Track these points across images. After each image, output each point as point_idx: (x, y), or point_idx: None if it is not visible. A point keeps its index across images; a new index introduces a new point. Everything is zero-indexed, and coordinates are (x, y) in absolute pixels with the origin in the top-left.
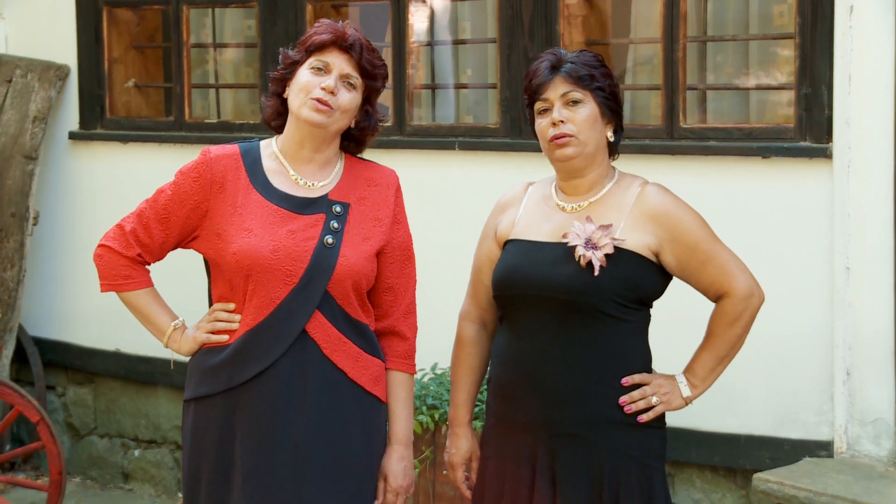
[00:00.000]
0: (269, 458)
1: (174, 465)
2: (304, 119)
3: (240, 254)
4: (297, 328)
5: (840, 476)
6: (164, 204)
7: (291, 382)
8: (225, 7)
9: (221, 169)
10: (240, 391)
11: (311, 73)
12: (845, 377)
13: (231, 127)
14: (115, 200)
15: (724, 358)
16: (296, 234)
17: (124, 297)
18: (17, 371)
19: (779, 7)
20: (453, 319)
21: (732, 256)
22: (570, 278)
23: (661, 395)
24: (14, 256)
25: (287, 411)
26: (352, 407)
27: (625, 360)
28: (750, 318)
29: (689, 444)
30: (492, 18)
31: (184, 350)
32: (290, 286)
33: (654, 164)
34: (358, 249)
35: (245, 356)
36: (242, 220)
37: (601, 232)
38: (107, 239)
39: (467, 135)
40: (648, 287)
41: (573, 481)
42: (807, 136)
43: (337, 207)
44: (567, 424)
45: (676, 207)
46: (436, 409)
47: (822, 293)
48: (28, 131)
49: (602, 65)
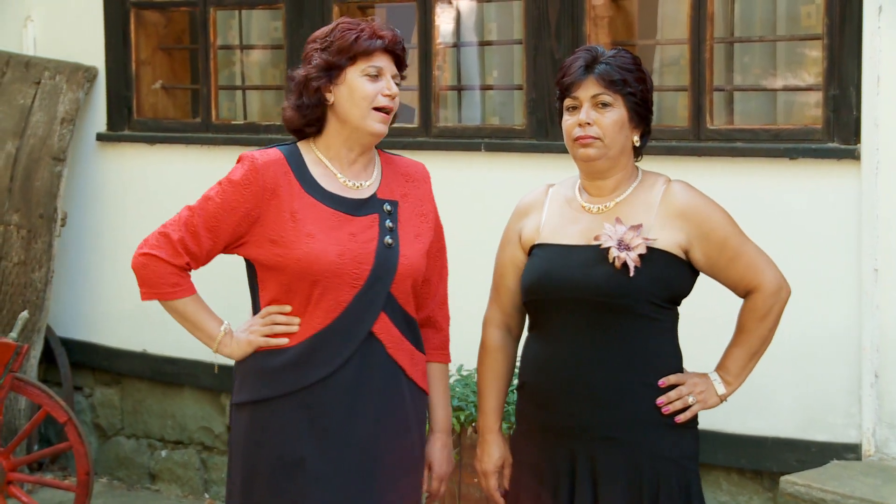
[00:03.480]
0: (338, 459)
1: (200, 466)
2: (370, 131)
3: (305, 260)
4: (365, 330)
5: (868, 479)
6: (213, 212)
7: (358, 383)
8: (252, 8)
9: (272, 175)
10: (306, 393)
11: (368, 80)
12: (873, 379)
13: (258, 128)
14: (143, 202)
15: (755, 353)
16: (356, 236)
17: (170, 305)
18: (45, 372)
19: (806, 8)
20: (479, 321)
21: (759, 251)
22: (606, 280)
23: (696, 394)
24: (42, 257)
25: (354, 411)
26: (410, 403)
27: (659, 360)
28: (779, 312)
29: (715, 447)
30: (518, 20)
31: (236, 354)
32: (356, 289)
33: (681, 166)
34: (413, 247)
35: (312, 359)
36: (302, 225)
37: (633, 232)
38: (150, 247)
39: (493, 136)
40: (680, 285)
41: (614, 484)
42: (835, 137)
43: (387, 206)
44: (606, 427)
45: (704, 204)
46: (461, 410)
47: (850, 295)
48: (56, 133)
49: (638, 68)
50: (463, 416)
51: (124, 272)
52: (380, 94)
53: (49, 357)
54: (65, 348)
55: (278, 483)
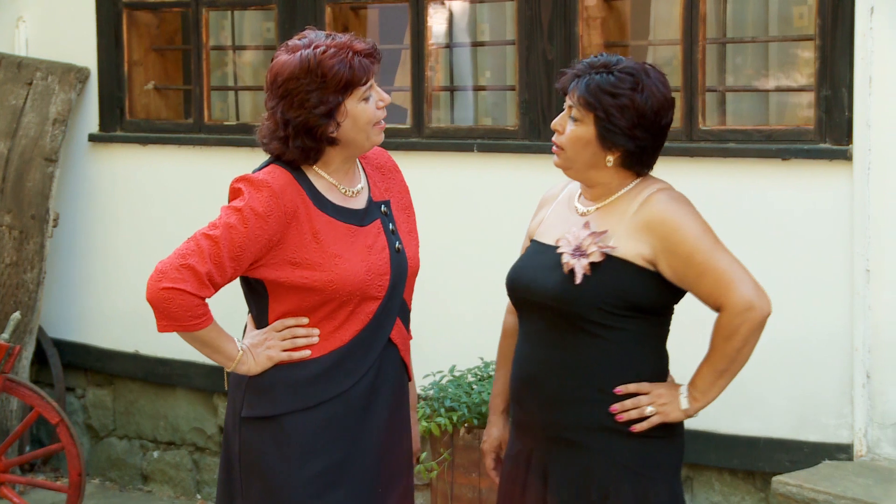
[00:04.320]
0: (356, 462)
1: (193, 467)
2: (374, 143)
3: (337, 282)
4: (385, 338)
5: (860, 479)
6: (239, 242)
7: (373, 388)
8: (244, 9)
9: (291, 199)
10: (330, 404)
11: (364, 104)
12: (865, 380)
13: (250, 129)
14: (135, 202)
15: (724, 372)
16: (371, 247)
17: (191, 335)
18: (37, 373)
19: (798, 8)
20: (471, 321)
21: (733, 268)
22: (556, 285)
23: (657, 405)
24: (34, 258)
25: (368, 414)
26: (407, 399)
27: (619, 369)
28: (748, 331)
29: (708, 447)
30: (510, 20)
31: (255, 370)
32: (378, 301)
33: (673, 166)
34: (412, 245)
35: (339, 371)
36: (326, 246)
37: (591, 239)
38: (173, 281)
39: (486, 137)
40: (641, 296)
41: (563, 486)
42: (827, 138)
43: (384, 208)
44: (561, 429)
45: (674, 217)
46: (454, 411)
47: (842, 296)
48: (48, 133)
49: (625, 93)
50: (455, 417)
51: (117, 273)
52: (377, 109)
53: (41, 358)
54: (57, 349)
55: (305, 495)
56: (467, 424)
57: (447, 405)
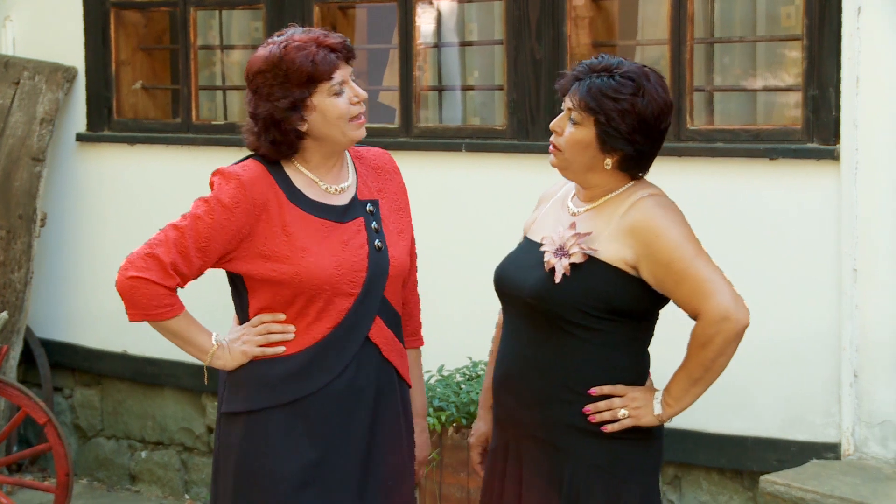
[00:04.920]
0: (335, 464)
1: (181, 467)
2: (352, 140)
3: (304, 275)
4: (362, 336)
5: (847, 478)
6: (204, 233)
7: (354, 388)
8: (232, 9)
9: (260, 192)
10: (305, 403)
11: (335, 98)
12: (853, 379)
13: (238, 129)
14: (123, 202)
15: (698, 380)
16: (347, 244)
17: (160, 325)
18: (25, 373)
19: (786, 8)
20: (460, 321)
21: (712, 277)
22: (536, 283)
23: (631, 408)
24: (21, 258)
25: (350, 417)
26: (400, 400)
27: (598, 370)
28: (724, 342)
29: (695, 447)
30: (499, 20)
31: (230, 365)
32: (352, 297)
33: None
34: (399, 246)
35: (312, 369)
36: (295, 239)
37: (575, 239)
38: (138, 269)
39: (474, 136)
40: (622, 300)
41: (535, 482)
42: (814, 137)
43: (370, 206)
44: (533, 427)
45: (659, 223)
46: (442, 410)
47: (830, 295)
48: (35, 133)
49: (626, 98)
50: (444, 417)
51: (104, 273)
52: (350, 105)
53: (28, 358)
54: (44, 349)
55: (276, 493)
56: (455, 424)
57: (435, 405)
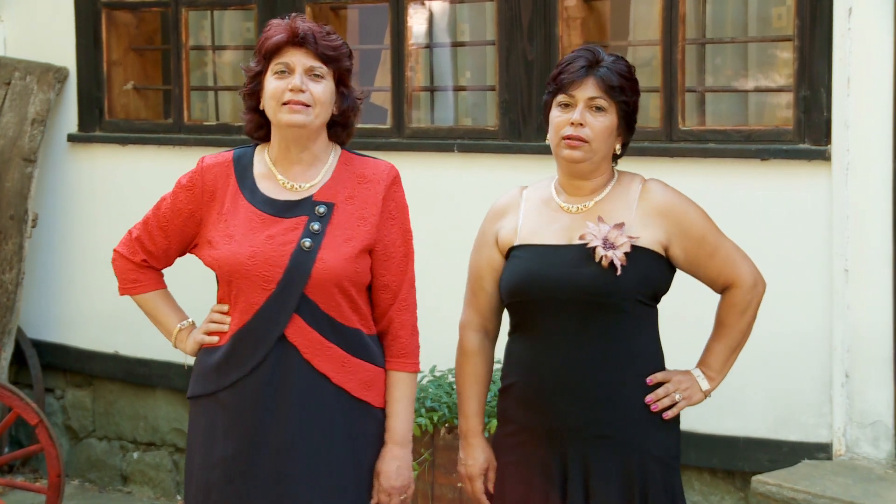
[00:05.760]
0: (249, 461)
1: (173, 468)
2: (286, 123)
3: (221, 260)
4: (276, 333)
5: (839, 478)
6: (164, 213)
7: (273, 386)
8: (224, 9)
9: (213, 178)
10: (224, 394)
11: (276, 78)
12: (844, 379)
13: (230, 129)
14: (114, 203)
15: (736, 347)
16: (274, 238)
17: (136, 300)
18: (16, 374)
19: (777, 9)
20: (452, 322)
21: (735, 247)
22: (594, 279)
23: (682, 391)
24: (13, 259)
25: (267, 415)
26: (336, 412)
27: (644, 358)
28: (757, 306)
29: (687, 447)
30: (490, 21)
31: (187, 350)
32: (268, 291)
33: (653, 167)
34: (338, 251)
35: (232, 360)
36: (227, 226)
37: (617, 231)
38: (119, 245)
39: (466, 137)
40: (662, 282)
41: (607, 484)
42: (805, 138)
43: (321, 208)
44: (598, 426)
45: (681, 201)
46: (434, 411)
47: (821, 295)
48: (27, 134)
49: (633, 77)
50: (436, 417)
51: (96, 274)
52: (287, 90)
53: (20, 359)
54: (36, 350)
55: (201, 481)
56: (448, 425)
57: (427, 405)
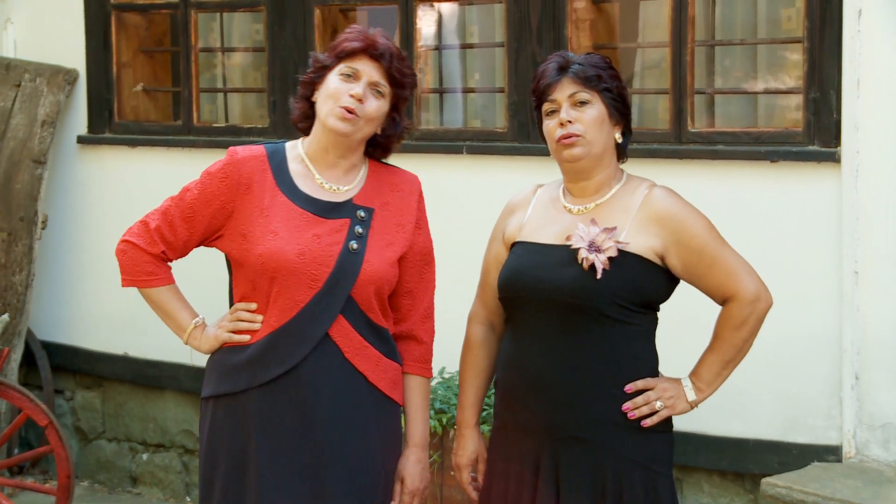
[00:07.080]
0: (287, 460)
1: (182, 469)
2: (331, 127)
3: (265, 256)
4: (321, 332)
5: (849, 481)
6: (190, 203)
7: (312, 385)
8: (233, 11)
9: (248, 170)
10: (261, 391)
11: (340, 79)
12: (854, 381)
13: (239, 131)
14: (124, 204)
15: (730, 362)
16: (321, 238)
17: (146, 294)
18: (26, 375)
19: (787, 11)
20: (461, 323)
21: (739, 260)
22: (573, 281)
23: (665, 399)
24: (23, 260)
25: (307, 413)
26: (370, 410)
27: (630, 364)
28: (756, 321)
29: (697, 449)
30: (500, 23)
31: (204, 348)
32: (314, 290)
33: (662, 169)
34: (381, 255)
35: (268, 357)
36: (269, 221)
37: (605, 235)
38: (131, 234)
39: (475, 139)
40: (653, 291)
41: (577, 485)
42: (815, 140)
43: (361, 212)
44: (571, 428)
45: (682, 210)
46: (443, 413)
47: (831, 297)
48: (37, 135)
49: (609, 66)
50: (445, 419)
51: (105, 275)
52: (347, 93)
53: (30, 360)
54: (46, 351)
55: (231, 480)
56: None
57: (437, 407)
